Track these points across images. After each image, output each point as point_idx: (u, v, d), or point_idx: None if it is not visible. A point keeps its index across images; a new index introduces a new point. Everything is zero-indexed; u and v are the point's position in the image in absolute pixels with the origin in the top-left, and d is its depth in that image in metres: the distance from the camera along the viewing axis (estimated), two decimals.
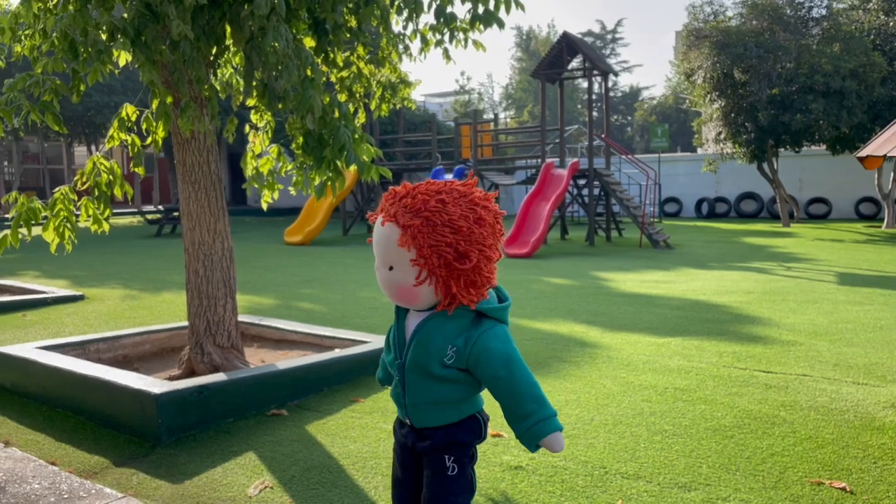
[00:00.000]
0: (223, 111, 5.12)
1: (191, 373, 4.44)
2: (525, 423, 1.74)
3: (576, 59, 16.25)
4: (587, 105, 16.27)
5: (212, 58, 4.41)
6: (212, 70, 4.51)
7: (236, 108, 5.13)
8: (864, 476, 2.97)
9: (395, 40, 4.95)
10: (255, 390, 4.00)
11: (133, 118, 4.69)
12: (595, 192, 15.44)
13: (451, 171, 17.25)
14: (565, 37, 15.41)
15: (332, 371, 4.41)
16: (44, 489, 3.01)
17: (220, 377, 3.94)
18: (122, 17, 3.65)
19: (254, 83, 4.01)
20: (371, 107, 5.38)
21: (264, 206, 5.20)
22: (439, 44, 4.78)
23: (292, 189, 4.85)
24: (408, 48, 5.03)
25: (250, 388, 3.99)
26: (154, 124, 4.51)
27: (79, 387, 4.00)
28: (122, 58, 4.59)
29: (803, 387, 4.23)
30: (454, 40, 4.69)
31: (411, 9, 4.51)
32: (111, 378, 3.85)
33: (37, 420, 3.95)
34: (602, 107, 18.41)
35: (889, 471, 3.02)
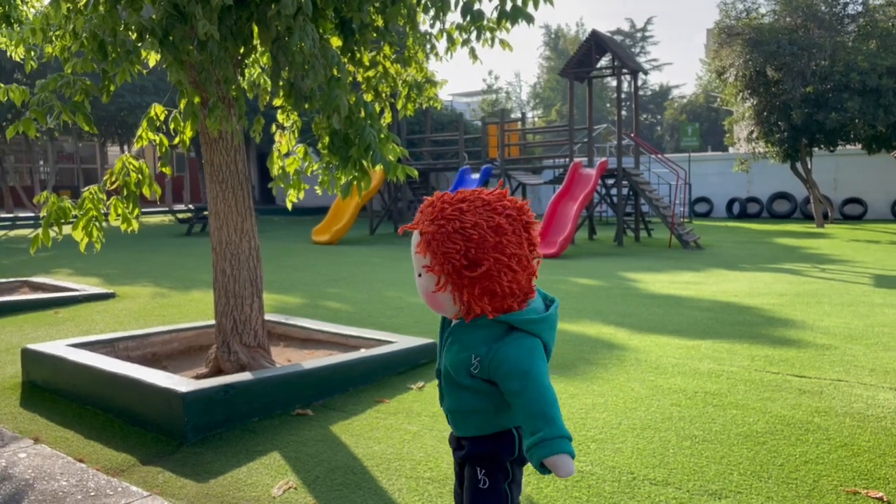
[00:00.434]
0: (251, 111, 5.14)
1: (217, 371, 4.46)
2: (529, 440, 1.66)
3: (605, 57, 16.11)
4: (616, 104, 16.11)
5: (239, 58, 4.43)
6: (239, 70, 4.53)
7: (263, 108, 5.15)
8: None
9: (422, 39, 4.92)
10: (281, 390, 4.01)
11: (162, 118, 4.73)
12: (624, 191, 15.28)
13: (477, 171, 17.19)
14: (594, 35, 15.28)
15: (357, 371, 4.40)
16: (71, 486, 3.04)
17: (246, 376, 3.95)
18: (150, 17, 3.68)
19: (280, 83, 4.01)
20: (397, 106, 5.37)
21: (289, 206, 5.22)
22: (466, 43, 4.75)
23: (318, 189, 4.86)
24: (434, 47, 5.00)
25: (276, 388, 3.99)
26: (182, 124, 4.54)
27: (107, 384, 4.04)
28: (152, 58, 4.63)
29: (838, 392, 4.12)
30: (481, 39, 4.66)
31: (438, 7, 4.48)
32: (139, 376, 3.88)
33: (66, 417, 3.99)
34: (631, 105, 18.26)
35: None
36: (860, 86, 16.49)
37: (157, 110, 4.74)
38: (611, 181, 15.76)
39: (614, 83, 28.57)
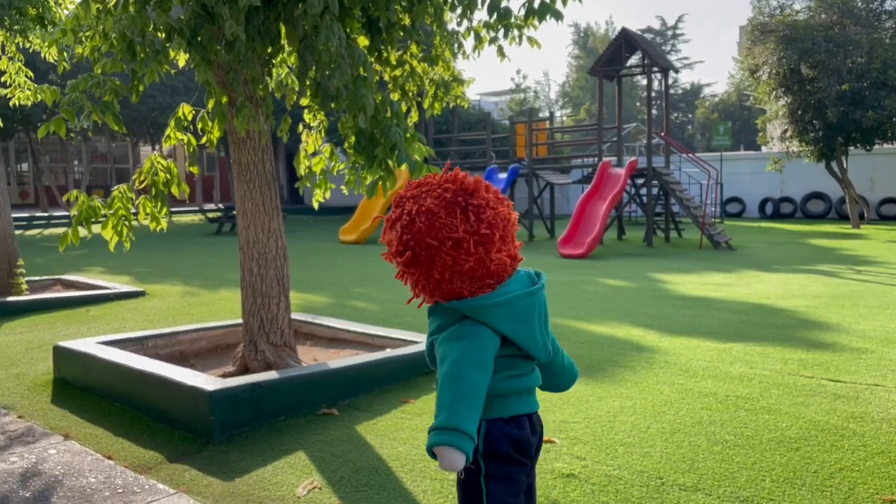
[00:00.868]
0: (278, 111, 5.16)
1: (244, 370, 4.48)
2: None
3: (634, 55, 15.94)
4: (646, 102, 15.94)
5: (266, 57, 4.44)
6: (266, 70, 4.54)
7: (290, 108, 5.16)
8: None
9: (449, 38, 4.90)
10: (307, 389, 4.01)
11: (190, 118, 4.76)
12: (654, 191, 15.12)
13: (505, 171, 17.13)
14: (624, 33, 15.12)
15: (383, 371, 4.39)
16: (99, 483, 3.07)
17: (272, 375, 3.96)
18: (178, 17, 3.70)
19: (307, 82, 4.02)
20: (424, 105, 5.35)
21: (315, 205, 5.23)
22: (493, 41, 4.71)
23: (344, 188, 4.85)
24: (461, 46, 4.97)
25: (302, 387, 3.99)
26: (210, 124, 4.57)
27: (136, 382, 4.08)
28: (181, 58, 4.66)
29: (875, 397, 4.01)
30: (508, 36, 4.61)
31: (465, 5, 4.45)
32: (166, 374, 3.91)
33: (96, 414, 4.04)
34: (661, 104, 18.04)
35: None
36: None
37: (185, 110, 4.78)
38: (640, 181, 15.59)
39: (644, 82, 28.29)
